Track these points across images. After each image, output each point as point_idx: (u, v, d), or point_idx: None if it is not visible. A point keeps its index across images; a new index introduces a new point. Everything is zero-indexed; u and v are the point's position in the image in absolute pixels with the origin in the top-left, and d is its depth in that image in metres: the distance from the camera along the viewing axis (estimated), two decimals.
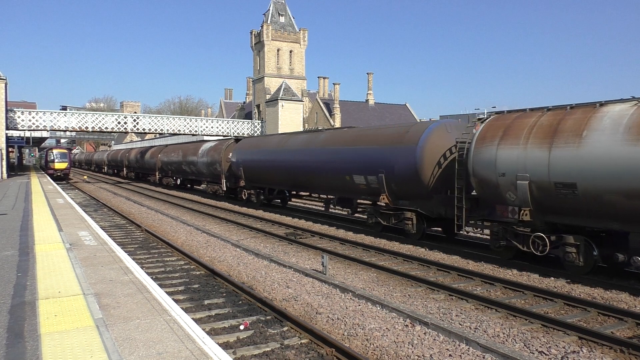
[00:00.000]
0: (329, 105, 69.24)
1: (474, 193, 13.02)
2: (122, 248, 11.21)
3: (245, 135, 54.75)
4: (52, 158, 53.65)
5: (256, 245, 15.20)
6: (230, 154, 28.64)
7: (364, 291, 9.65)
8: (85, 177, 64.25)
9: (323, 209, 22.75)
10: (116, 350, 4.87)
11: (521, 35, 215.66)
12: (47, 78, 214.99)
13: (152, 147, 53.54)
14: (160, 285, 8.46)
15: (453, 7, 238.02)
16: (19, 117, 45.08)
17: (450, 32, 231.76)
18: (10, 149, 54.75)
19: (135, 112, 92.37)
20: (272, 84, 63.00)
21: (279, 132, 52.74)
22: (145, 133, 60.32)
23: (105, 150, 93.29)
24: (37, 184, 34.35)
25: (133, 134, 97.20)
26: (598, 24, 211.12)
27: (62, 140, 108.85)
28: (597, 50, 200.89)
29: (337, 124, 63.38)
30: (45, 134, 66.27)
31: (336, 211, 22.97)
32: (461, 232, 14.83)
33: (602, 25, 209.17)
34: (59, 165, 53.19)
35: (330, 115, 67.59)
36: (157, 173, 45.41)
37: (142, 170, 53.11)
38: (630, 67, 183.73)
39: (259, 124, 59.03)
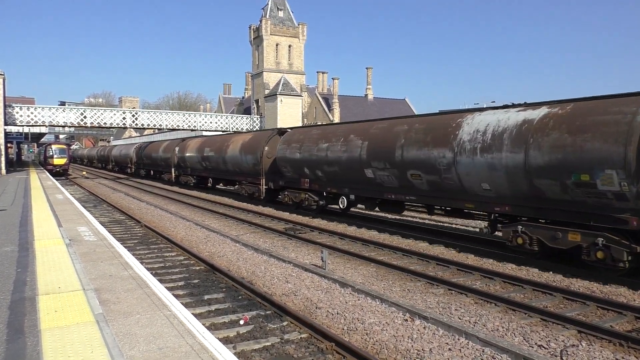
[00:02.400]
0: (328, 100, 69.20)
1: None
2: (121, 243, 11.21)
3: (244, 131, 54.48)
4: (51, 154, 53.57)
5: (255, 240, 15.20)
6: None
7: (363, 286, 9.67)
8: (84, 172, 64.15)
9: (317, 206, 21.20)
10: (117, 346, 4.87)
11: (521, 29, 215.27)
12: (46, 73, 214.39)
13: (232, 133, 33.91)
14: (160, 281, 8.48)
15: (453, 1, 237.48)
16: (17, 112, 44.98)
17: (449, 26, 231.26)
18: (9, 145, 54.67)
19: (135, 108, 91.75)
20: (271, 79, 62.94)
21: (277, 127, 51.05)
22: (145, 128, 60.21)
23: (131, 144, 67.75)
24: (36, 179, 34.32)
25: (132, 129, 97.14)
26: (599, 18, 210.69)
27: (61, 136, 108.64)
28: (598, 44, 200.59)
29: (336, 119, 63.38)
30: (44, 130, 66.18)
31: (334, 206, 19.82)
32: None
33: (603, 20, 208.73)
34: (58, 161, 53.10)
35: (329, 110, 67.55)
36: (262, 180, 24.21)
37: (215, 173, 31.78)
38: (631, 61, 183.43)
39: (257, 119, 58.95)
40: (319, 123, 53.65)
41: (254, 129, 55.90)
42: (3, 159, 41.65)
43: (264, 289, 9.71)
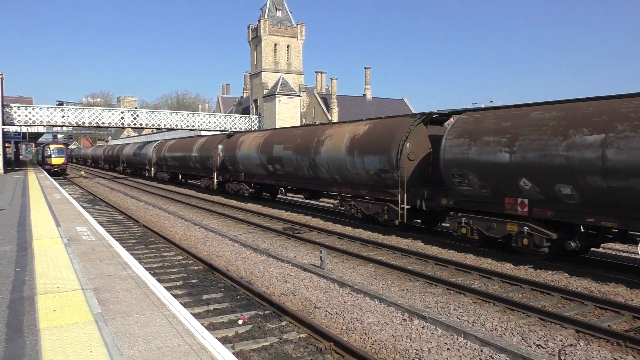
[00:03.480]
0: (326, 100, 69.24)
1: None
2: (120, 243, 11.21)
3: (242, 130, 54.38)
4: (49, 153, 53.49)
5: (254, 240, 15.20)
6: None
7: (362, 285, 9.68)
8: (82, 172, 63.99)
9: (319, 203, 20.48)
10: (115, 345, 4.87)
11: (521, 29, 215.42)
12: (44, 73, 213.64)
13: (326, 124, 22.26)
14: (159, 280, 8.48)
15: (451, 1, 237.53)
16: (15, 112, 44.91)
17: (448, 26, 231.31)
18: (7, 145, 54.56)
19: (136, 108, 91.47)
20: (269, 79, 62.93)
21: (276, 127, 51.10)
22: (143, 128, 60.04)
23: (149, 141, 54.21)
24: (34, 179, 34.25)
25: (130, 129, 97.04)
26: (599, 18, 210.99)
27: (59, 136, 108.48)
28: (598, 44, 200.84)
29: (335, 119, 63.43)
30: (41, 130, 66.06)
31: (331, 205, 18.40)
32: None
33: (603, 20, 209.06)
34: (56, 160, 53.01)
35: (328, 110, 67.59)
36: (402, 196, 15.17)
37: (291, 180, 22.79)
38: (631, 60, 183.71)
39: (256, 119, 58.93)
40: (318, 122, 53.00)
41: (252, 129, 55.76)
42: (1, 158, 41.56)
43: (263, 289, 9.71)
